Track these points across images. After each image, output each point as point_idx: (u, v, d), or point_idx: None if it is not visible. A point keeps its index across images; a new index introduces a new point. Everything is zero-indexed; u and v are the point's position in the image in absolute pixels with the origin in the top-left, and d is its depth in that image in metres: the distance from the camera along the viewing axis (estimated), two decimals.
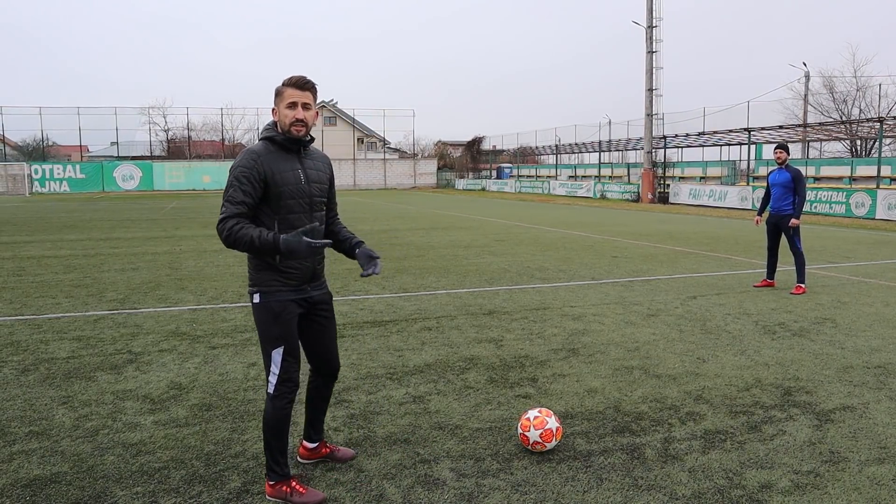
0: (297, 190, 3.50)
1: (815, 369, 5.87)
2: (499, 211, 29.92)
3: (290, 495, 3.55)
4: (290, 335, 3.55)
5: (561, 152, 59.92)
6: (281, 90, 3.48)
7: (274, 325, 3.52)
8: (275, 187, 3.44)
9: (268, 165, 3.43)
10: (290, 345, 3.54)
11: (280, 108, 3.48)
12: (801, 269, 9.54)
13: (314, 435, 4.01)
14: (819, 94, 48.45)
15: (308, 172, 3.59)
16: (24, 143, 66.46)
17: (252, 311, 3.64)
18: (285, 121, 3.47)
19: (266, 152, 3.47)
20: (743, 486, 3.72)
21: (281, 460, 3.60)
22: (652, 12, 37.56)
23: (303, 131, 3.49)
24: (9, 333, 7.21)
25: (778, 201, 9.75)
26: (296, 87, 3.46)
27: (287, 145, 3.52)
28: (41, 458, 4.08)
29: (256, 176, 3.41)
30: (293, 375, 3.55)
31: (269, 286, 3.52)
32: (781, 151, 9.67)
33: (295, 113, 3.45)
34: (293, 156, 3.56)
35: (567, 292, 9.52)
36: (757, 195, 30.49)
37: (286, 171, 3.48)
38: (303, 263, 3.57)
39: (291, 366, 3.54)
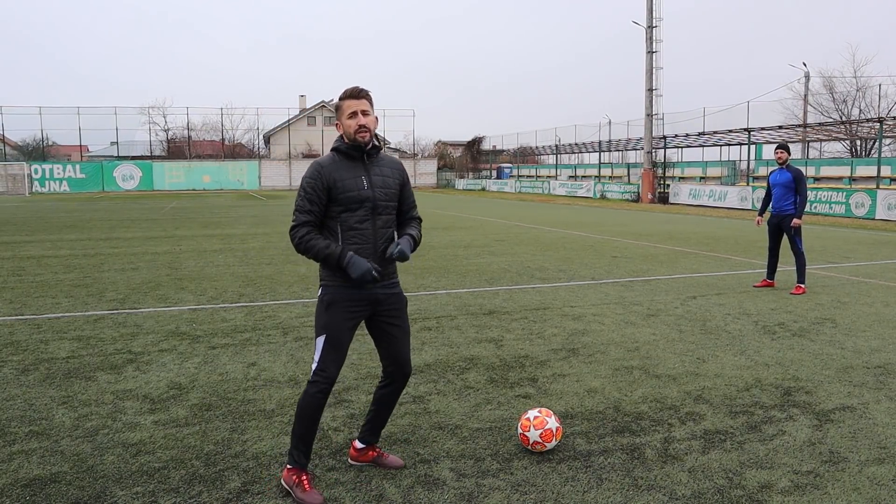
0: (356, 196, 3.67)
1: (815, 369, 5.87)
2: (499, 211, 29.92)
3: (296, 486, 3.63)
4: (334, 326, 3.67)
5: (561, 152, 59.94)
6: (340, 104, 3.72)
7: (323, 315, 3.70)
8: (336, 194, 3.64)
9: (330, 175, 3.65)
10: (332, 335, 3.67)
11: (342, 120, 3.70)
12: (801, 269, 9.54)
13: (368, 437, 4.02)
14: (819, 94, 48.49)
15: (373, 179, 3.74)
16: (24, 142, 66.51)
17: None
18: (349, 130, 3.68)
19: (331, 162, 3.71)
20: (743, 486, 3.72)
21: (301, 447, 3.68)
22: (652, 12, 37.58)
23: (367, 136, 3.68)
24: (9, 333, 7.21)
25: (779, 201, 9.74)
26: (353, 97, 3.68)
27: (351, 153, 3.73)
28: (41, 458, 4.08)
29: (321, 185, 3.63)
30: (329, 367, 3.65)
31: (329, 281, 3.71)
32: (782, 152, 9.67)
33: (357, 121, 3.66)
34: (358, 164, 3.74)
35: (567, 292, 9.52)
36: (757, 195, 30.49)
37: (348, 179, 3.67)
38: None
39: (330, 356, 3.65)
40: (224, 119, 69.86)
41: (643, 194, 38.55)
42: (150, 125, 68.19)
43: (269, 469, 3.94)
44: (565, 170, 60.05)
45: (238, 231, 19.78)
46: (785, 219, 9.64)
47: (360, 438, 4.04)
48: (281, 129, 70.52)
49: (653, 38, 37.71)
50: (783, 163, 9.66)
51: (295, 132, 69.48)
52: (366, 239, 3.68)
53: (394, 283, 3.84)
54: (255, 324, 7.60)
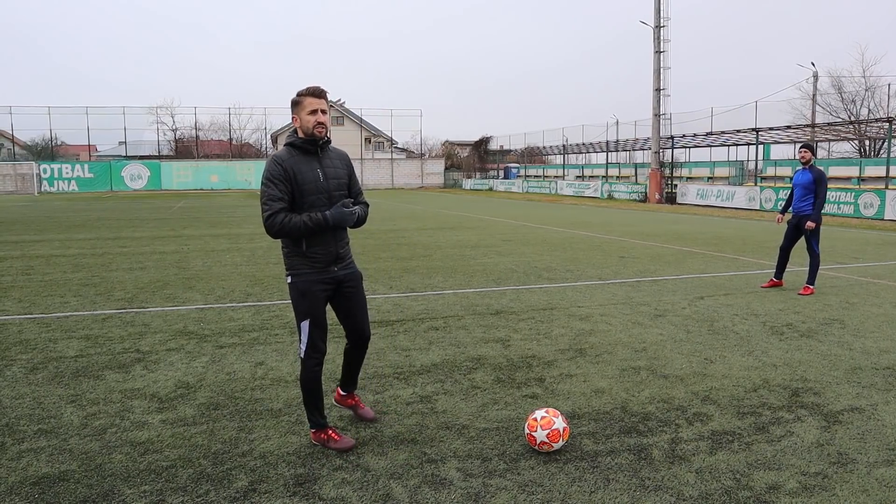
0: (315, 187, 4.05)
1: (823, 370, 5.85)
2: (506, 211, 29.90)
3: (328, 441, 4.20)
4: (315, 309, 4.14)
5: (568, 152, 59.83)
6: (300, 101, 4.03)
7: (302, 301, 4.14)
8: (297, 186, 4.00)
9: (290, 167, 4.00)
10: (315, 318, 4.14)
11: (301, 115, 4.03)
12: (814, 270, 9.45)
13: (346, 385, 4.70)
14: (827, 94, 48.18)
15: (326, 171, 4.12)
16: (33, 142, 66.74)
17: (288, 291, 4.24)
18: (308, 125, 4.02)
19: (288, 156, 4.04)
20: (750, 487, 3.71)
21: (317, 413, 4.23)
22: (660, 12, 37.49)
23: (324, 132, 4.06)
24: (18, 332, 7.25)
25: (799, 202, 9.61)
26: (314, 96, 4.02)
27: (306, 147, 4.08)
28: (50, 457, 4.10)
29: (284, 175, 3.98)
30: (318, 343, 4.16)
31: (298, 269, 4.15)
32: (806, 151, 9.53)
33: (316, 118, 4.02)
34: (312, 157, 4.10)
35: (574, 292, 9.51)
36: (765, 195, 30.41)
37: (306, 172, 4.04)
38: (327, 249, 4.13)
39: (316, 335, 4.15)
40: (232, 119, 69.67)
41: (651, 194, 38.46)
42: (158, 125, 68.37)
43: (276, 468, 3.95)
44: (573, 170, 59.94)
45: (246, 231, 19.82)
46: (803, 219, 9.52)
47: (342, 386, 4.71)
48: (288, 128, 70.23)
49: (660, 38, 37.62)
50: (807, 163, 9.52)
51: None
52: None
53: (350, 263, 4.34)
54: (263, 323, 7.62)
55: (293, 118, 4.08)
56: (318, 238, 4.08)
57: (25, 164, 59.43)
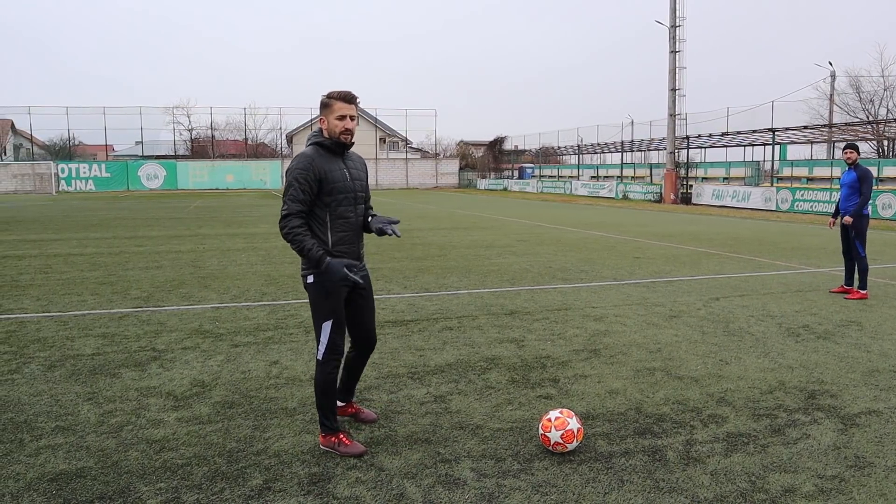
0: (343, 187, 4.07)
1: (840, 372, 5.80)
2: (521, 211, 29.86)
3: (338, 445, 4.13)
4: (339, 310, 4.13)
5: (583, 152, 59.65)
6: (330, 103, 4.04)
7: (325, 301, 4.08)
8: (326, 185, 4.00)
9: (321, 167, 3.99)
10: (338, 318, 4.13)
11: (330, 118, 4.04)
12: (862, 273, 9.22)
13: (343, 396, 4.63)
14: (845, 93, 47.77)
15: (351, 172, 4.16)
16: (52, 142, 67.43)
17: (306, 290, 4.16)
18: (336, 129, 4.03)
19: (317, 155, 4.03)
20: (766, 489, 3.68)
21: (330, 416, 4.18)
22: (675, 12, 37.29)
23: (350, 139, 4.08)
24: (36, 330, 7.32)
25: (845, 202, 9.43)
26: (345, 101, 4.03)
27: (334, 149, 4.09)
28: (67, 453, 4.14)
29: (312, 176, 3.96)
30: (339, 344, 4.13)
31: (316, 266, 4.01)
32: (851, 151, 9.35)
33: (344, 124, 4.04)
34: (338, 158, 4.12)
35: (589, 293, 9.49)
36: (781, 196, 30.21)
37: (335, 171, 4.05)
38: (350, 248, 4.13)
39: (338, 336, 4.12)
40: (247, 119, 70.12)
41: (666, 195, 38.27)
42: (175, 125, 68.87)
43: (290, 467, 3.96)
44: (587, 170, 59.75)
45: (261, 230, 19.91)
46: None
47: (339, 398, 4.58)
48: (303, 128, 70.85)
49: (676, 38, 37.42)
50: (852, 163, 9.37)
51: None
52: (350, 226, 4.13)
53: (365, 264, 4.34)
54: (278, 322, 7.65)
55: (321, 118, 4.09)
56: (344, 237, 4.09)
57: (44, 164, 60.06)
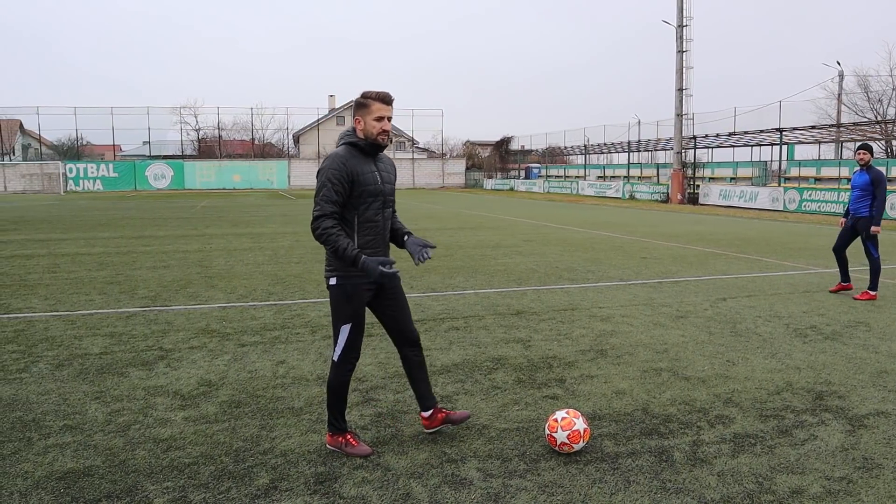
0: (374, 190, 3.99)
1: (848, 373, 5.77)
2: (527, 211, 29.84)
3: (344, 446, 4.13)
4: (358, 314, 4.08)
5: (590, 152, 59.59)
6: (367, 104, 3.94)
7: (347, 305, 4.04)
8: (358, 187, 3.92)
9: (353, 168, 3.92)
10: (357, 322, 4.08)
11: (367, 119, 3.95)
12: (874, 274, 9.19)
13: (427, 403, 4.38)
14: (853, 93, 47.49)
15: (382, 174, 4.08)
16: (60, 142, 67.75)
17: (329, 291, 4.11)
18: (373, 131, 3.95)
19: (350, 156, 3.95)
20: (773, 490, 3.67)
21: (339, 417, 4.16)
22: (682, 11, 37.21)
23: (386, 139, 4.00)
24: (44, 329, 7.35)
25: (855, 202, 9.37)
26: (383, 101, 3.94)
27: (367, 150, 4.01)
28: (75, 452, 4.16)
29: (345, 177, 3.89)
30: (356, 348, 4.11)
31: (346, 271, 3.98)
32: (864, 152, 9.28)
33: (382, 125, 3.95)
34: (370, 159, 4.04)
35: (595, 293, 9.47)
36: (789, 196, 30.10)
37: (367, 173, 3.97)
38: (376, 251, 4.06)
39: (356, 340, 4.09)
40: (254, 119, 70.34)
41: (673, 195, 38.19)
42: (182, 125, 69.08)
43: (297, 466, 3.97)
44: (594, 170, 59.65)
45: (268, 230, 19.96)
46: (859, 220, 9.29)
47: (422, 408, 4.39)
48: (310, 128, 71.02)
49: (683, 38, 37.34)
50: (864, 164, 9.30)
51: (324, 132, 69.89)
52: (378, 230, 4.07)
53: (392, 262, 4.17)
54: (284, 322, 7.66)
55: (356, 119, 3.99)
56: (370, 240, 4.02)
57: (52, 164, 60.33)
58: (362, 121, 3.96)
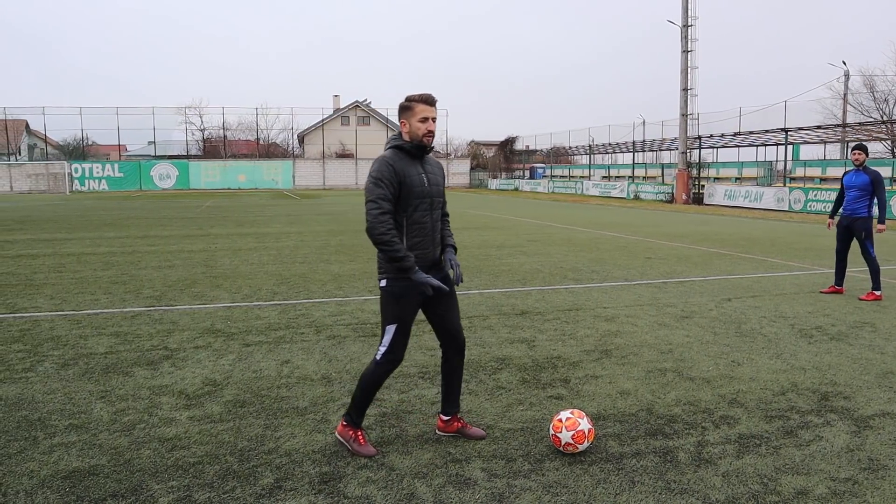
0: (421, 192, 4.03)
1: (854, 374, 5.76)
2: (532, 211, 29.82)
3: (352, 441, 4.15)
4: (405, 317, 4.07)
5: (594, 152, 59.53)
6: (412, 106, 3.99)
7: (394, 306, 4.05)
8: (405, 189, 3.96)
9: (401, 170, 3.95)
10: (403, 324, 4.07)
11: (412, 121, 3.99)
12: (875, 275, 9.15)
13: (449, 409, 4.40)
14: (859, 93, 47.40)
15: (429, 177, 4.10)
16: (65, 142, 67.93)
17: (379, 293, 4.13)
18: (418, 132, 3.99)
19: (397, 158, 3.99)
20: (778, 491, 3.66)
21: (360, 413, 4.19)
22: (687, 11, 37.15)
23: (432, 140, 4.04)
24: (50, 328, 7.37)
25: (853, 203, 9.33)
26: (426, 103, 3.99)
27: (414, 152, 4.03)
28: (80, 451, 4.17)
29: (395, 180, 3.92)
30: (399, 351, 4.10)
31: (395, 273, 3.99)
32: (860, 153, 9.30)
33: (427, 126, 3.99)
34: (417, 162, 4.07)
35: (600, 293, 9.46)
36: (794, 196, 30.01)
37: (413, 175, 4.00)
38: (425, 253, 4.08)
39: (399, 343, 4.08)
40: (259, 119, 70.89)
41: (677, 195, 38.13)
42: (187, 125, 69.28)
43: (301, 466, 3.97)
44: (599, 170, 59.61)
45: (272, 230, 19.98)
46: (857, 221, 9.26)
47: (443, 411, 4.41)
48: (315, 128, 71.11)
49: (688, 38, 37.27)
50: (860, 164, 9.30)
51: (329, 132, 70.02)
52: (426, 232, 4.08)
53: (443, 266, 4.26)
54: (289, 322, 7.67)
55: (401, 122, 4.03)
56: (418, 242, 4.04)
57: (57, 164, 60.55)
58: (407, 123, 4.00)
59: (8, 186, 58.34)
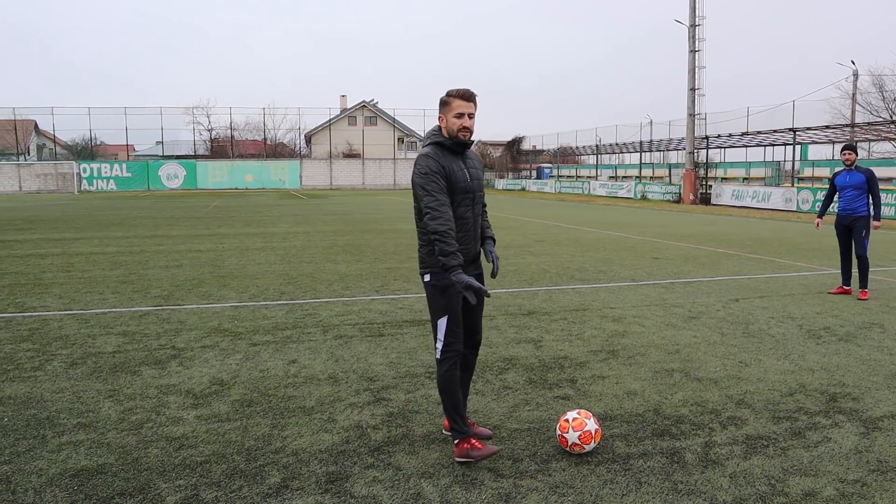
0: (464, 187, 4.01)
1: (863, 375, 5.73)
2: (538, 211, 29.79)
3: (470, 451, 4.01)
4: (454, 307, 4.04)
5: (601, 152, 59.43)
6: (449, 101, 3.95)
7: (441, 298, 4.02)
8: (449, 185, 3.94)
9: (447, 165, 3.94)
10: (453, 315, 4.04)
11: (448, 116, 3.96)
12: (864, 273, 9.22)
13: None
14: (868, 92, 47.06)
15: (470, 171, 4.08)
16: (74, 142, 68.22)
17: (424, 289, 4.12)
18: (454, 127, 3.95)
19: (439, 155, 3.96)
20: (786, 493, 3.65)
21: (457, 418, 4.05)
22: (695, 11, 37.05)
23: (468, 136, 3.99)
24: (58, 328, 7.40)
25: (852, 202, 9.35)
26: (463, 98, 3.95)
27: (454, 148, 4.01)
28: (88, 450, 4.19)
29: (443, 175, 3.91)
30: (456, 342, 4.04)
31: (440, 268, 3.94)
32: (850, 153, 9.34)
33: (462, 122, 3.94)
34: (458, 157, 4.05)
35: (607, 293, 9.45)
36: (802, 197, 29.88)
37: (456, 171, 3.98)
38: (468, 249, 4.10)
39: (454, 333, 4.04)
40: (266, 119, 70.60)
41: (685, 195, 38.03)
42: (195, 125, 69.51)
43: (308, 465, 3.98)
44: (606, 170, 59.52)
45: (279, 230, 20.02)
46: (857, 220, 9.28)
47: None
48: (322, 128, 71.23)
49: (695, 37, 37.18)
50: (851, 164, 9.34)
51: (336, 132, 70.12)
52: (468, 227, 4.08)
53: (480, 263, 4.30)
54: (296, 321, 7.69)
55: (439, 117, 4.02)
56: (461, 237, 4.03)
57: (66, 164, 60.79)
58: (444, 118, 3.98)
59: (17, 186, 58.61)
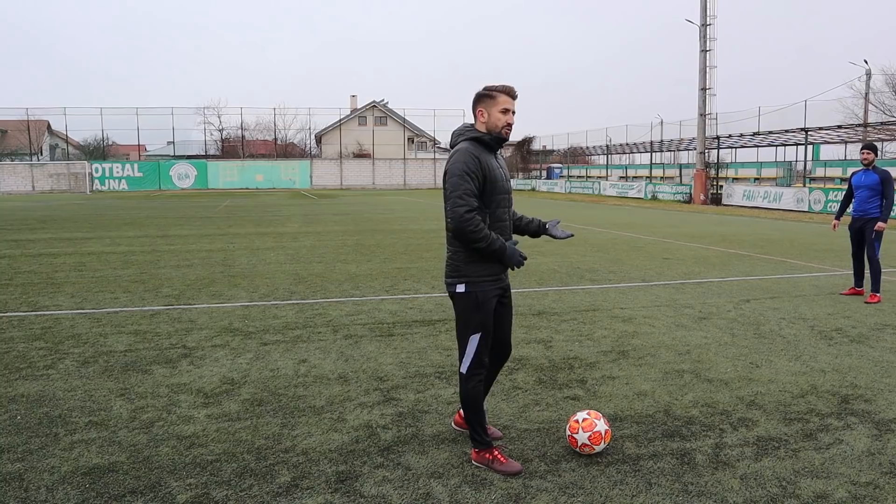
0: (502, 186, 3.89)
1: (875, 377, 5.69)
2: (549, 211, 29.73)
3: (492, 462, 3.91)
4: (488, 323, 3.92)
5: (612, 152, 59.27)
6: (494, 96, 3.81)
7: (476, 313, 3.87)
8: (489, 183, 3.79)
9: (485, 163, 3.78)
10: (486, 331, 3.92)
11: (493, 111, 3.81)
12: (876, 276, 9.07)
13: None
14: (881, 92, 46.78)
15: (504, 171, 3.97)
16: (86, 142, 68.64)
17: (453, 299, 3.96)
18: (498, 123, 3.82)
19: (478, 152, 3.79)
20: (797, 495, 3.63)
21: (481, 431, 3.97)
22: (706, 10, 36.90)
23: (509, 133, 3.87)
24: (70, 326, 7.45)
25: (864, 203, 9.25)
26: (508, 94, 3.82)
27: (492, 145, 3.88)
28: (100, 448, 4.21)
29: (479, 172, 3.75)
30: (484, 359, 3.94)
31: (476, 277, 3.85)
32: (868, 152, 9.20)
33: (507, 118, 3.82)
34: (493, 155, 3.92)
35: (617, 294, 9.42)
36: (814, 197, 29.72)
37: (495, 169, 3.85)
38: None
39: (484, 350, 3.93)
40: (277, 119, 71.04)
41: (695, 195, 37.89)
42: (206, 125, 69.79)
43: (318, 465, 3.99)
44: (616, 170, 59.37)
45: (290, 229, 20.07)
46: (869, 222, 9.18)
47: None
48: (332, 128, 71.38)
49: (706, 37, 37.03)
50: (869, 164, 9.21)
51: (346, 132, 70.25)
52: (506, 228, 3.95)
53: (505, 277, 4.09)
54: (306, 321, 7.70)
55: (479, 111, 3.84)
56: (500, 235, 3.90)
57: (78, 164, 61.18)
58: (486, 112, 3.81)
59: (30, 186, 59.02)
